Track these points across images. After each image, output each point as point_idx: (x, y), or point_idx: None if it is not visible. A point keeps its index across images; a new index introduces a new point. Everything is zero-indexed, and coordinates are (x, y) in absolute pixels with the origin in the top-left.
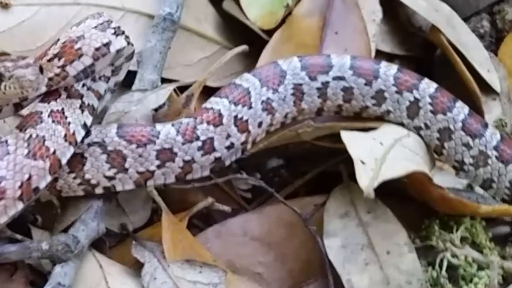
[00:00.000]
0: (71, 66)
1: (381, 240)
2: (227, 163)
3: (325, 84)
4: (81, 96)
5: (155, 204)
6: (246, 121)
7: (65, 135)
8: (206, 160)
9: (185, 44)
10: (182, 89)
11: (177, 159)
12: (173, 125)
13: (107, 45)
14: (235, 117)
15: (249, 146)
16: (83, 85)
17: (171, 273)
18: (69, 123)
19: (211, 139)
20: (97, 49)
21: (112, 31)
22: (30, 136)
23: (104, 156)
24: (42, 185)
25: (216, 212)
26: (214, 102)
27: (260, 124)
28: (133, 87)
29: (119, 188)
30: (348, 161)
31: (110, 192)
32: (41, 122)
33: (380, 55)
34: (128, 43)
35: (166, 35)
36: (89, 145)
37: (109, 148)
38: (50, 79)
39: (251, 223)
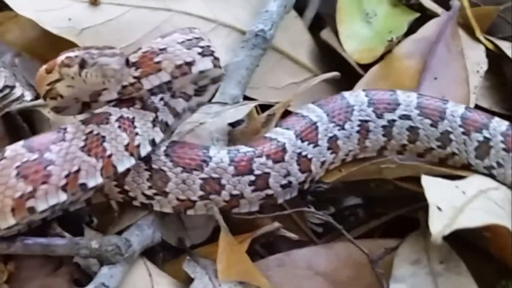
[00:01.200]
0: (146, 79)
1: None
2: (280, 201)
3: (391, 123)
4: (156, 110)
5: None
6: (310, 159)
7: (128, 144)
8: (256, 196)
9: (276, 66)
10: (263, 109)
11: (223, 192)
12: (228, 152)
13: (189, 64)
14: (299, 154)
15: (306, 185)
16: (161, 98)
17: None
18: (136, 133)
19: (267, 174)
20: (177, 66)
21: (199, 50)
22: (91, 131)
23: (146, 174)
24: (91, 183)
25: (281, 242)
26: (280, 133)
27: (323, 163)
28: (214, 99)
29: (156, 208)
30: (427, 208)
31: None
32: (107, 123)
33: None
34: (215, 65)
35: (255, 52)
36: None
37: (154, 166)
38: (123, 87)
39: (318, 257)
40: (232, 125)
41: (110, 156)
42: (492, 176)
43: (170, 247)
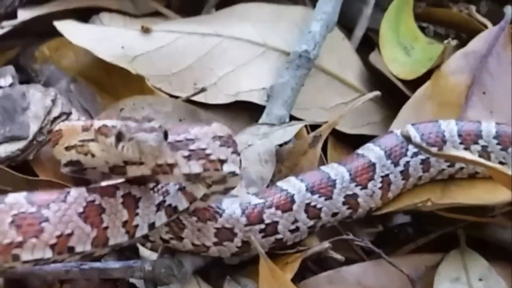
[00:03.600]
0: (187, 164)
1: None
2: (289, 243)
3: (407, 165)
4: (165, 194)
5: None
6: (320, 209)
7: (126, 222)
8: (266, 241)
9: (324, 87)
10: (312, 129)
11: (236, 239)
12: (240, 205)
13: (222, 162)
14: (308, 204)
15: (317, 229)
16: (176, 183)
17: None
18: (136, 214)
19: (276, 222)
20: (212, 161)
21: (232, 150)
22: (93, 201)
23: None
24: (79, 248)
25: (332, 259)
26: (292, 184)
27: (335, 214)
28: (260, 121)
29: (174, 248)
30: (467, 226)
31: None
32: (112, 197)
33: None
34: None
35: (300, 72)
36: None
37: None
38: (158, 165)
39: (366, 274)
40: (280, 145)
41: (106, 228)
42: None
43: (224, 264)
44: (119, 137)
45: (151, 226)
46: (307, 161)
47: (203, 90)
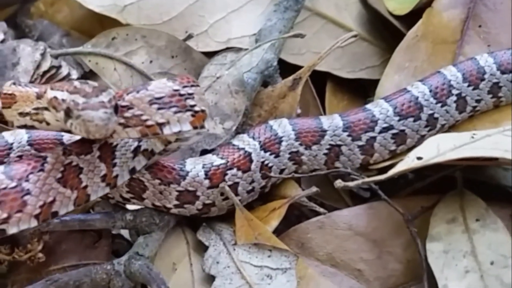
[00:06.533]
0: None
1: (486, 249)
2: (244, 203)
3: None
4: (140, 139)
5: None
6: (270, 167)
7: (105, 176)
8: (226, 204)
9: (319, 31)
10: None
11: (197, 202)
12: (203, 166)
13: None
14: (262, 163)
15: (267, 189)
16: None
17: (236, 258)
18: (114, 164)
19: (237, 184)
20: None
21: (175, 109)
22: (70, 163)
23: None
24: (63, 211)
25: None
26: (246, 142)
27: (282, 171)
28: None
29: (133, 207)
30: (466, 169)
31: None
32: (88, 153)
33: None
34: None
35: (288, 15)
36: None
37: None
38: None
39: (358, 218)
40: (265, 84)
41: (85, 187)
42: None
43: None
44: (68, 112)
45: (132, 171)
46: (287, 105)
47: (190, 36)
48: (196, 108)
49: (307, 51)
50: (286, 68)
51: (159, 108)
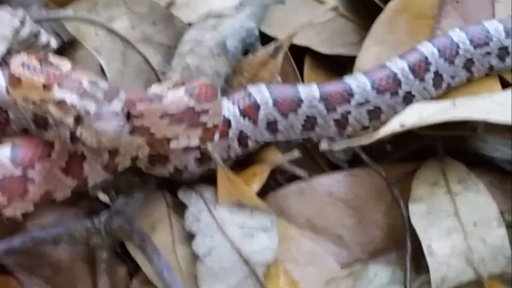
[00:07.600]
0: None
1: (469, 210)
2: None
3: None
4: None
5: None
6: (248, 137)
7: (107, 164)
8: (199, 170)
9: (300, 6)
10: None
11: (169, 165)
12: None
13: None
14: (241, 132)
15: (243, 157)
16: None
17: (217, 216)
18: (118, 153)
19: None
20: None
21: (186, 125)
22: (75, 152)
23: None
24: (59, 198)
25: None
26: (226, 108)
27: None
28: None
29: None
30: (446, 139)
31: None
32: None
33: None
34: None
35: None
36: None
37: None
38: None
39: (338, 184)
40: (246, 53)
41: (86, 177)
42: None
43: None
44: (78, 120)
45: (134, 159)
46: (267, 72)
47: (171, 4)
48: (208, 125)
49: (287, 26)
50: (267, 42)
51: (170, 123)
